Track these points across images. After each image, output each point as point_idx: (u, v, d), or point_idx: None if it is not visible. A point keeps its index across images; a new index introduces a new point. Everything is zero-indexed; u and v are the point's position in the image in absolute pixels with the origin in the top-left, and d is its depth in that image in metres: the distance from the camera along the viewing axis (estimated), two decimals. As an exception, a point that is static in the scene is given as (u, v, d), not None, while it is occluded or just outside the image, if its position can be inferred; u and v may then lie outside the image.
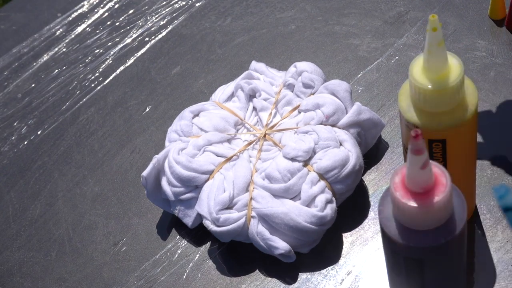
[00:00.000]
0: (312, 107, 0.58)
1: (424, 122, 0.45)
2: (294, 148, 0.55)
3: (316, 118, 0.57)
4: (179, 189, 0.56)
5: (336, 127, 0.57)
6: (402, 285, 0.45)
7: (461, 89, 0.44)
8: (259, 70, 0.63)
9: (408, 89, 0.46)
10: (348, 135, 0.56)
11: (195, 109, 0.61)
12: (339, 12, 0.73)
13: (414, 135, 0.36)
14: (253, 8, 0.77)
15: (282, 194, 0.54)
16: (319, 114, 0.57)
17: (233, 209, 0.54)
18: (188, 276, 0.56)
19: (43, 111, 0.73)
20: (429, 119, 0.45)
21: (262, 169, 0.56)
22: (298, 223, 0.52)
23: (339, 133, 0.56)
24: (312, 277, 0.54)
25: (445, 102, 0.44)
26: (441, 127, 0.45)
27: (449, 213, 0.40)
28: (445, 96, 0.43)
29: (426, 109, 0.45)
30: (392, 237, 0.40)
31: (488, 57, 0.65)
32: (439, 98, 0.43)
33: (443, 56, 0.43)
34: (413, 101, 0.45)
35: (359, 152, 0.55)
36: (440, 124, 0.44)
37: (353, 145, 0.55)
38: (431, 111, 0.44)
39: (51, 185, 0.66)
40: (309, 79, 0.59)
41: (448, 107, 0.44)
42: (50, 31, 0.82)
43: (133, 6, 0.81)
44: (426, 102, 0.44)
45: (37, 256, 0.61)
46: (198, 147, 0.57)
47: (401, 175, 0.39)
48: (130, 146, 0.67)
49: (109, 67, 0.75)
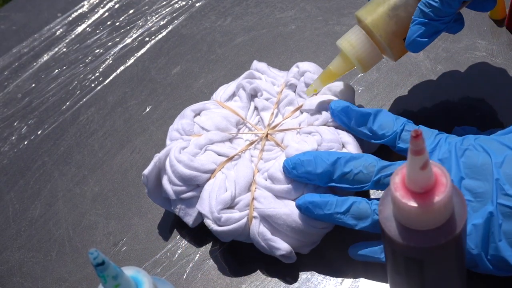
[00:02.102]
0: (316, 108, 0.58)
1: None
2: (297, 150, 0.54)
3: (321, 119, 0.57)
4: (180, 187, 0.56)
5: (340, 129, 0.57)
6: (402, 285, 0.45)
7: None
8: (261, 70, 0.63)
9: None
10: (351, 138, 0.56)
11: (197, 108, 0.61)
12: (339, 12, 0.73)
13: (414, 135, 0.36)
14: (253, 8, 0.77)
15: (284, 195, 0.54)
16: (324, 115, 0.57)
17: (234, 209, 0.54)
18: (188, 276, 0.56)
19: (43, 111, 0.73)
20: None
21: (264, 169, 0.56)
22: (301, 224, 0.52)
23: (342, 135, 0.56)
24: (312, 277, 0.54)
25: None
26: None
27: (449, 213, 0.40)
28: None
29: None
30: (392, 237, 0.40)
31: (488, 57, 0.65)
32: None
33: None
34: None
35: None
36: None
37: (356, 147, 0.55)
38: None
39: (51, 185, 0.66)
40: (312, 79, 0.59)
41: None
42: (50, 31, 0.82)
43: (133, 6, 0.81)
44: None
45: (37, 256, 0.61)
46: (199, 146, 0.57)
47: (401, 175, 0.39)
48: (130, 146, 0.67)
49: (109, 67, 0.75)
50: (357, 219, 0.50)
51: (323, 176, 0.52)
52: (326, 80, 0.57)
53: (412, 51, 0.53)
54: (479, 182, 0.47)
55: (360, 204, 0.51)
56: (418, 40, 0.52)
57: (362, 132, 0.55)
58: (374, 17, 0.54)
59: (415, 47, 0.53)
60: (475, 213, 0.47)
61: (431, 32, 0.52)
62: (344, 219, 0.51)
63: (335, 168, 0.52)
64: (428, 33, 0.52)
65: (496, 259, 0.46)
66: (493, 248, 0.46)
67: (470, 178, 0.48)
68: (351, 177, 0.51)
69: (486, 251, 0.47)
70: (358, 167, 0.51)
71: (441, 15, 0.51)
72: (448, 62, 0.65)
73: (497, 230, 0.46)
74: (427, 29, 0.51)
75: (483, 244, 0.46)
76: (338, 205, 0.51)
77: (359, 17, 0.55)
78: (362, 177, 0.51)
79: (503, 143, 0.48)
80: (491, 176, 0.47)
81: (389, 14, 0.53)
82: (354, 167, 0.51)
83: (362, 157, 0.52)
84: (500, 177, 0.46)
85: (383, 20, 0.53)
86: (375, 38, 0.54)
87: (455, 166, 0.48)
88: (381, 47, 0.55)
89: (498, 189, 0.46)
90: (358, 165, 0.51)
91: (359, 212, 0.50)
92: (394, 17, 0.53)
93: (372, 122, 0.54)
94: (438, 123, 0.60)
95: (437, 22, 0.51)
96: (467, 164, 0.48)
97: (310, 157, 0.52)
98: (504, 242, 0.46)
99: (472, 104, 0.62)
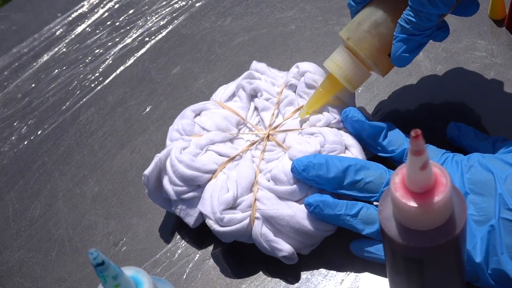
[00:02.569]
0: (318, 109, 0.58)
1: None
2: (300, 151, 0.54)
3: (323, 120, 0.57)
4: (181, 188, 0.56)
5: (343, 131, 0.57)
6: (402, 285, 0.45)
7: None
8: (260, 70, 0.63)
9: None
10: (355, 141, 0.56)
11: (197, 108, 0.61)
12: (339, 12, 0.73)
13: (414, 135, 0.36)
14: (253, 8, 0.77)
15: (287, 196, 0.54)
16: (326, 116, 0.57)
17: (237, 210, 0.54)
18: (188, 276, 0.56)
19: (43, 111, 0.73)
20: None
21: (266, 170, 0.56)
22: (304, 226, 0.52)
23: (345, 137, 0.56)
24: (312, 277, 0.54)
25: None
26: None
27: (449, 213, 0.40)
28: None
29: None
30: (392, 237, 0.40)
31: (488, 57, 0.65)
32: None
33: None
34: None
35: (364, 159, 0.55)
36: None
37: (360, 151, 0.55)
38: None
39: (51, 185, 0.66)
40: (312, 79, 0.59)
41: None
42: (50, 31, 0.82)
43: (133, 6, 0.81)
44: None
45: (37, 256, 0.61)
46: (200, 146, 0.57)
47: (401, 175, 0.39)
48: (130, 146, 0.67)
49: (109, 67, 0.75)
50: (365, 223, 0.51)
51: (333, 181, 0.52)
52: (317, 101, 0.57)
53: (399, 66, 0.53)
54: (483, 197, 0.48)
55: (369, 210, 0.51)
56: (403, 56, 0.52)
57: (371, 144, 0.55)
58: (357, 36, 0.54)
59: (400, 62, 0.53)
60: (479, 227, 0.48)
61: (415, 47, 0.52)
62: (353, 223, 0.51)
63: (346, 175, 0.52)
64: (411, 47, 0.52)
65: (497, 273, 0.47)
66: (495, 261, 0.47)
67: (475, 193, 0.49)
68: (361, 185, 0.52)
69: (487, 265, 0.47)
70: (369, 177, 0.52)
71: (421, 29, 0.51)
72: (448, 62, 0.65)
73: (499, 244, 0.47)
74: (410, 44, 0.52)
75: (485, 257, 0.47)
76: (348, 207, 0.51)
77: (342, 37, 0.55)
78: (372, 186, 0.52)
79: (506, 162, 0.50)
80: (495, 192, 0.48)
81: (371, 32, 0.53)
82: (365, 176, 0.52)
83: (373, 166, 0.52)
84: (503, 192, 0.47)
85: (366, 39, 0.54)
86: (360, 56, 0.54)
87: (460, 182, 0.50)
88: (367, 65, 0.55)
89: (501, 204, 0.47)
90: (370, 174, 0.52)
91: (367, 217, 0.51)
92: (376, 35, 0.53)
93: (383, 137, 0.54)
94: (437, 123, 0.60)
95: (418, 37, 0.51)
96: (472, 180, 0.49)
97: (322, 160, 0.52)
98: (506, 255, 0.46)
99: (472, 104, 0.62)
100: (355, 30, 0.54)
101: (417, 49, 0.52)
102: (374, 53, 0.54)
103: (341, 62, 0.55)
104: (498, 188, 0.48)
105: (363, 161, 0.52)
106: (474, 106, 0.61)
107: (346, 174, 0.52)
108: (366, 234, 0.51)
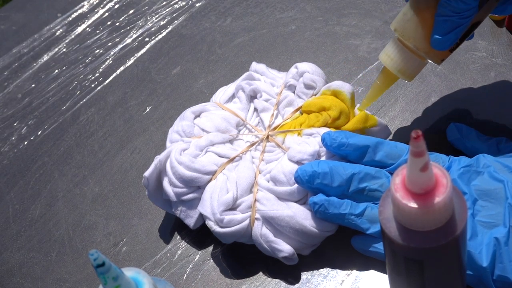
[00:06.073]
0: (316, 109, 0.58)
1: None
2: (300, 152, 0.54)
3: (321, 120, 0.57)
4: (181, 189, 0.56)
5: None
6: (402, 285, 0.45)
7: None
8: (260, 71, 0.63)
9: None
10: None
11: (196, 110, 0.61)
12: (339, 12, 0.73)
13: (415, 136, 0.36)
14: (253, 8, 0.77)
15: (287, 197, 0.54)
16: (324, 116, 0.57)
17: (237, 210, 0.54)
18: (188, 277, 0.56)
19: (43, 111, 0.73)
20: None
21: (266, 171, 0.56)
22: (304, 226, 0.52)
23: None
24: (313, 278, 0.54)
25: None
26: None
27: (450, 214, 0.40)
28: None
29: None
30: (392, 238, 0.40)
31: (488, 57, 0.65)
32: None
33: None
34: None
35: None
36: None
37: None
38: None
39: (51, 186, 0.66)
40: (311, 80, 0.59)
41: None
42: (50, 31, 0.81)
43: (133, 6, 0.81)
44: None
45: (37, 257, 0.61)
46: (200, 148, 0.57)
47: (401, 176, 0.39)
48: (130, 146, 0.67)
49: (109, 67, 0.75)
50: (370, 222, 0.51)
51: (338, 189, 0.52)
52: (376, 94, 0.56)
53: (438, 48, 0.52)
54: (491, 204, 0.49)
55: (373, 209, 0.52)
56: (437, 38, 0.51)
57: (367, 163, 0.54)
58: (402, 26, 0.53)
59: (438, 44, 0.52)
60: (486, 232, 0.48)
61: (451, 28, 0.51)
62: (358, 222, 0.51)
63: (351, 184, 0.52)
64: (447, 29, 0.51)
65: (502, 280, 0.47)
66: (500, 268, 0.47)
67: (484, 200, 0.49)
68: (366, 192, 0.52)
69: (492, 271, 0.47)
70: (374, 184, 0.52)
71: (458, 11, 0.50)
72: (448, 62, 0.65)
73: (505, 251, 0.47)
74: (446, 25, 0.51)
75: (490, 263, 0.47)
76: (353, 206, 0.51)
77: (393, 29, 0.54)
78: (377, 194, 0.52)
79: None
80: (504, 200, 0.48)
81: (415, 21, 0.53)
82: (369, 183, 0.52)
83: (377, 173, 0.52)
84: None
85: (410, 28, 0.53)
86: (409, 46, 0.54)
87: (468, 189, 0.50)
88: (418, 54, 0.54)
89: (510, 212, 0.48)
90: (374, 182, 0.52)
91: (372, 216, 0.51)
92: (420, 23, 0.52)
93: (373, 154, 0.53)
94: (437, 123, 0.60)
95: (455, 18, 0.50)
96: (480, 187, 0.50)
97: (326, 169, 0.52)
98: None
99: (472, 104, 0.62)
100: (400, 20, 0.53)
101: (453, 31, 0.51)
102: (421, 41, 0.53)
103: (392, 53, 0.54)
104: (508, 197, 0.48)
105: (367, 169, 0.52)
106: (474, 107, 0.61)
107: (350, 183, 0.52)
108: (370, 233, 0.51)
